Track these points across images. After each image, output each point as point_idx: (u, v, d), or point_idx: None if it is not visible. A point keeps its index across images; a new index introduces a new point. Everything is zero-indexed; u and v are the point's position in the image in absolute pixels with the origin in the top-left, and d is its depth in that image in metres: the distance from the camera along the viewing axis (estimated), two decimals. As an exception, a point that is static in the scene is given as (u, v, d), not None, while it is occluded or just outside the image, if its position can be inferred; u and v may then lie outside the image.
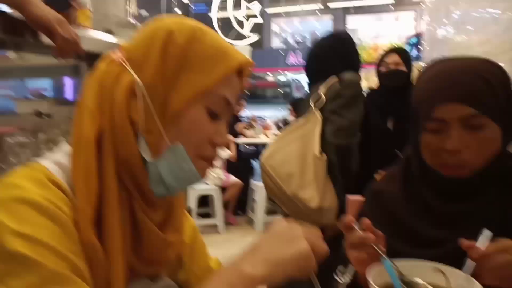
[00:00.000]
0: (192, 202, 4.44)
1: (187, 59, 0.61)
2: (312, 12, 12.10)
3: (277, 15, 12.40)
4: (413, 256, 0.79)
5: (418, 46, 4.85)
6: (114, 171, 0.59)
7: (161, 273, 0.71)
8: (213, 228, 4.66)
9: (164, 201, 0.67)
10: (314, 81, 1.85)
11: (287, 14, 12.39)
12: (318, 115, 1.67)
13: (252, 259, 0.55)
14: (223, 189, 4.77)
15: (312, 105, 1.69)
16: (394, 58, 2.36)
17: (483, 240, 0.74)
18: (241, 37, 7.81)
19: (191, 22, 0.64)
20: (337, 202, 1.62)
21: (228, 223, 4.89)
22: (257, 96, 11.16)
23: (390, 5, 11.04)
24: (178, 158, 0.61)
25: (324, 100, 1.68)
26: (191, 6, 12.17)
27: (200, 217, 4.78)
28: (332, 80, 1.71)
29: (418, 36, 4.98)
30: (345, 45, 1.85)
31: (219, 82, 0.62)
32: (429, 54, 3.89)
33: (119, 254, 0.58)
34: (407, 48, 4.18)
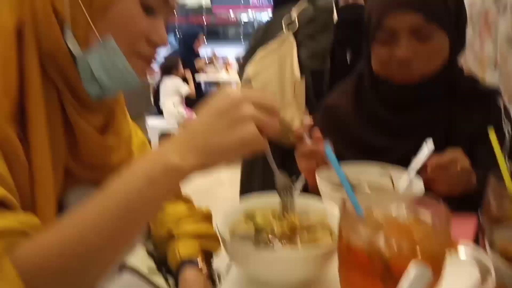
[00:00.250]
0: (154, 139, 4.39)
1: None
2: None
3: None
4: (361, 164, 0.82)
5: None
6: (38, 65, 0.55)
7: (106, 180, 0.69)
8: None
9: (103, 105, 0.64)
10: (280, 3, 1.81)
11: None
12: (292, 38, 1.66)
13: (182, 148, 0.48)
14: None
15: (284, 28, 1.67)
16: None
17: (425, 151, 0.77)
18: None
19: None
20: None
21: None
22: (218, 34, 10.85)
23: None
24: (110, 53, 0.57)
25: (297, 24, 1.67)
26: None
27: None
28: (303, 4, 1.69)
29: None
30: None
31: None
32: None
33: (44, 152, 0.55)
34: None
